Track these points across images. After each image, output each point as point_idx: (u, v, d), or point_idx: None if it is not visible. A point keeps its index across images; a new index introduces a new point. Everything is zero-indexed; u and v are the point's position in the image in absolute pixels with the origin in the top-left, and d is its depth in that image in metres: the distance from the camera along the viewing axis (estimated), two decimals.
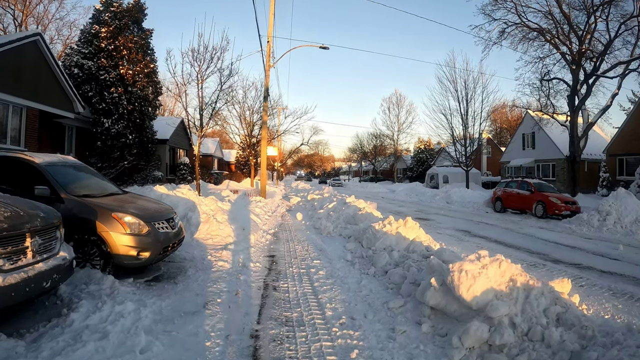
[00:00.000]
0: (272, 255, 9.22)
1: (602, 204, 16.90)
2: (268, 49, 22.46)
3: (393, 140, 72.84)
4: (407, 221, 9.86)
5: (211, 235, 9.54)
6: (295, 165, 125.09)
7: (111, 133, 20.91)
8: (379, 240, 9.38)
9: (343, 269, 8.03)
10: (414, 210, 22.57)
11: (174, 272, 7.25)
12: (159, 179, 26.13)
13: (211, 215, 10.11)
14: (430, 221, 17.15)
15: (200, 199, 11.39)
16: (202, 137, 16.09)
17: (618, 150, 31.99)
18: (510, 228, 16.03)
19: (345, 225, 12.68)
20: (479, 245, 11.77)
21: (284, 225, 14.56)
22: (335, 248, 10.24)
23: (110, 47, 21.84)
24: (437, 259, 6.23)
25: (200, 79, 15.77)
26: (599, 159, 35.12)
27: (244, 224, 10.97)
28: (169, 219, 7.08)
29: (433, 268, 6.05)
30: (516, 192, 21.83)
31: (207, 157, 50.83)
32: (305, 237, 12.05)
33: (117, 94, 21.36)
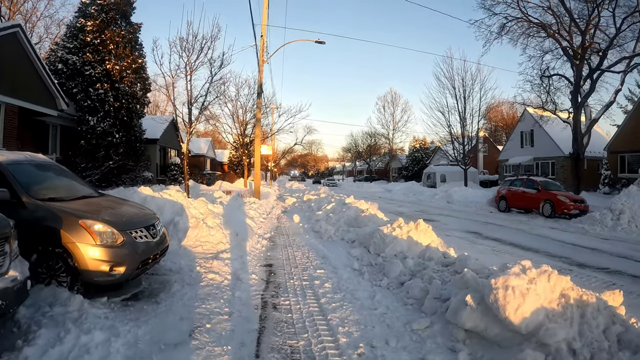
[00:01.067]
0: (269, 265, 8.18)
1: (614, 203, 16.21)
2: (262, 43, 21.47)
3: (388, 139, 72.13)
4: (419, 224, 8.89)
5: (201, 242, 8.50)
6: (289, 166, 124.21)
7: (97, 131, 19.80)
8: (389, 246, 8.39)
9: (351, 280, 7.02)
10: (415, 210, 21.63)
11: (157, 287, 6.20)
12: (148, 179, 25.09)
13: (201, 219, 9.06)
14: (435, 222, 16.17)
15: (190, 201, 10.30)
16: (191, 135, 14.86)
17: (620, 148, 31.49)
18: (521, 229, 15.14)
19: (347, 229, 11.68)
20: (494, 248, 10.91)
21: (281, 229, 13.51)
22: (339, 254, 9.23)
23: (96, 41, 20.76)
24: (471, 273, 5.28)
25: (189, 70, 14.61)
26: (599, 157, 34.65)
27: (238, 228, 9.93)
28: (149, 226, 6.04)
29: (467, 283, 5.09)
30: (522, 191, 20.92)
31: (199, 157, 49.85)
32: (305, 241, 11.03)
33: (103, 91, 20.26)
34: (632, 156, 30.70)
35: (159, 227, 6.37)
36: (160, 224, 6.63)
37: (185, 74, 14.50)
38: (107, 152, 19.20)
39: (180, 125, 17.47)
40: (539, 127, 37.19)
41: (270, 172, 59.99)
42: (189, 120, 14.50)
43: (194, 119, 14.76)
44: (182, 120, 15.03)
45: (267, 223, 14.08)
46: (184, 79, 14.58)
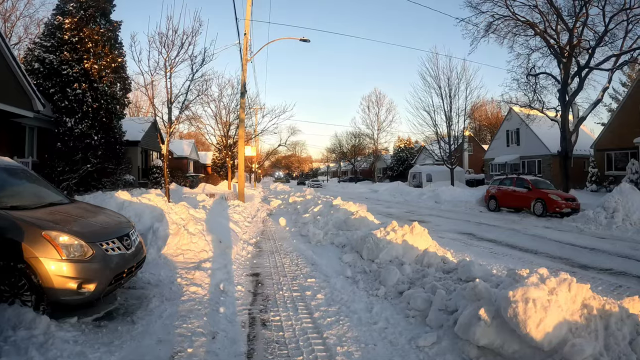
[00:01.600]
0: (256, 274, 7.60)
1: (607, 201, 15.97)
2: (245, 42, 20.89)
3: (373, 139, 71.80)
4: (414, 227, 8.40)
5: (182, 251, 7.89)
6: (273, 167, 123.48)
7: (74, 133, 18.99)
8: (383, 251, 7.90)
9: (345, 290, 6.49)
10: (404, 211, 21.17)
11: (133, 304, 5.61)
12: (130, 183, 24.38)
13: (182, 225, 8.45)
14: (426, 223, 15.70)
15: (170, 206, 9.67)
16: (171, 135, 14.09)
17: (606, 146, 31.56)
18: (515, 229, 14.74)
19: (336, 232, 11.15)
20: (491, 250, 10.47)
21: (267, 233, 12.92)
22: (329, 260, 8.69)
23: (74, 39, 19.94)
24: (484, 284, 4.78)
25: (169, 67, 13.91)
26: (585, 155, 34.65)
27: (221, 234, 9.32)
28: (123, 236, 5.44)
29: (479, 295, 4.60)
30: (512, 190, 20.57)
31: (182, 159, 49.04)
32: (292, 246, 10.46)
33: (80, 91, 19.46)
34: (618, 154, 30.75)
35: (134, 237, 5.78)
36: (136, 233, 6.04)
37: (164, 72, 13.79)
38: (85, 155, 18.41)
39: (160, 125, 16.59)
40: (525, 126, 37.20)
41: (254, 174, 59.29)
42: (168, 120, 13.77)
43: (174, 118, 14.06)
44: (161, 120, 14.24)
45: (252, 227, 13.49)
46: (164, 76, 13.91)
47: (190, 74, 14.76)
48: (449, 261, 7.47)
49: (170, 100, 13.89)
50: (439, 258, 7.42)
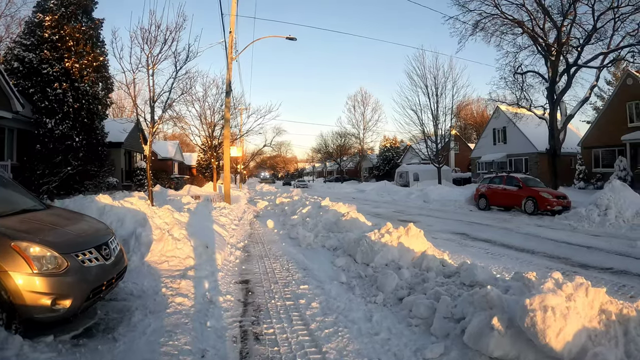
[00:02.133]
0: (245, 281, 7.18)
1: (599, 198, 15.89)
2: (230, 40, 20.44)
3: (359, 139, 71.55)
4: (410, 229, 8.08)
5: (167, 257, 7.46)
6: (258, 168, 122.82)
7: (55, 135, 18.42)
8: (378, 255, 7.55)
9: (341, 297, 6.12)
10: (393, 211, 20.85)
11: (115, 318, 5.17)
12: (113, 185, 23.86)
13: (166, 230, 8.01)
14: (417, 223, 15.15)
15: (154, 210, 9.21)
16: (154, 135, 13.49)
17: (593, 143, 31.75)
18: (508, 228, 14.53)
19: (327, 234, 10.76)
20: (487, 251, 10.20)
21: (255, 236, 12.50)
22: (322, 265, 8.31)
23: (54, 37, 19.39)
24: (496, 291, 4.47)
25: (152, 64, 13.37)
26: (572, 153, 34.75)
27: (208, 239, 8.87)
28: (101, 245, 4.99)
29: (491, 302, 4.29)
30: (502, 188, 20.37)
31: (167, 161, 48.39)
32: (282, 250, 10.06)
33: (61, 90, 18.90)
34: (605, 151, 30.89)
35: (113, 246, 5.33)
36: (116, 241, 5.60)
37: (147, 69, 13.25)
38: (66, 157, 17.83)
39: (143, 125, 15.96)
40: (512, 124, 37.32)
41: (239, 175, 58.71)
42: (151, 120, 13.22)
43: (157, 118, 13.52)
44: (144, 120, 13.65)
45: (239, 230, 13.07)
46: (146, 74, 13.35)
47: (173, 72, 14.18)
48: (449, 264, 7.14)
49: (153, 98, 13.34)
50: (438, 261, 7.09)
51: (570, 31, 26.22)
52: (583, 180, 30.84)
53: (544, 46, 27.12)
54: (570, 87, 26.68)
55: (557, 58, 26.54)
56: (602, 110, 32.52)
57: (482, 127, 65.01)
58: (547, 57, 27.45)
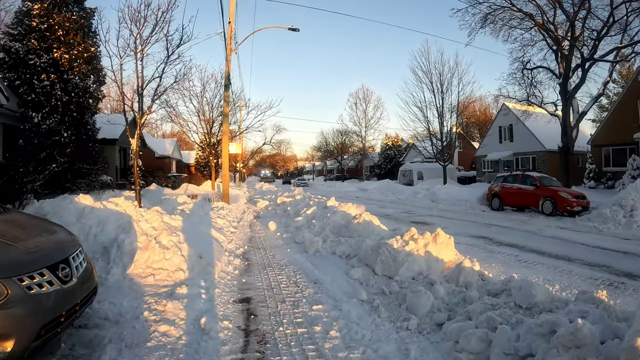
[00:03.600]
0: (246, 299, 5.98)
1: (624, 198, 14.91)
2: (230, 30, 19.28)
3: (360, 137, 70.42)
4: (438, 235, 6.94)
5: (153, 270, 6.28)
6: (257, 166, 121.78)
7: (41, 129, 17.19)
8: (403, 266, 6.41)
9: (365, 322, 4.97)
10: (401, 211, 19.64)
11: (81, 355, 4.01)
12: (107, 184, 22.69)
13: (153, 237, 6.82)
14: (429, 225, 14.28)
15: (141, 213, 8.01)
16: (142, 128, 12.10)
17: (603, 141, 30.76)
18: (530, 230, 13.41)
19: (336, 239, 9.58)
20: (518, 258, 9.07)
21: (255, 240, 11.29)
22: (335, 277, 7.12)
23: (42, 26, 18.10)
24: (589, 327, 3.31)
25: (141, 47, 12.07)
26: (580, 151, 33.74)
27: (202, 245, 7.64)
28: (58, 264, 3.81)
29: (582, 341, 3.18)
30: (517, 188, 19.21)
31: (164, 159, 47.28)
32: (287, 257, 8.87)
33: (49, 82, 17.63)
34: (615, 150, 29.94)
35: (77, 262, 4.14)
36: (82, 255, 4.41)
37: (134, 52, 11.93)
38: (51, 153, 16.59)
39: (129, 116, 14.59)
40: (518, 122, 36.37)
41: (239, 173, 57.57)
42: (139, 110, 11.88)
43: (146, 108, 12.15)
44: (131, 109, 12.25)
45: (238, 233, 11.84)
46: (134, 58, 12.02)
47: (165, 56, 12.80)
48: (489, 278, 6.02)
49: (142, 86, 12.02)
50: (477, 274, 5.96)
51: (584, 24, 25.06)
52: (593, 180, 29.84)
53: (556, 40, 25.98)
54: (584, 82, 25.50)
55: (570, 52, 25.40)
56: (612, 108, 31.63)
57: (485, 125, 64.18)
58: (558, 52, 26.36)
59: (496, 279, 5.99)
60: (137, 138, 11.31)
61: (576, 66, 25.89)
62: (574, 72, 26.09)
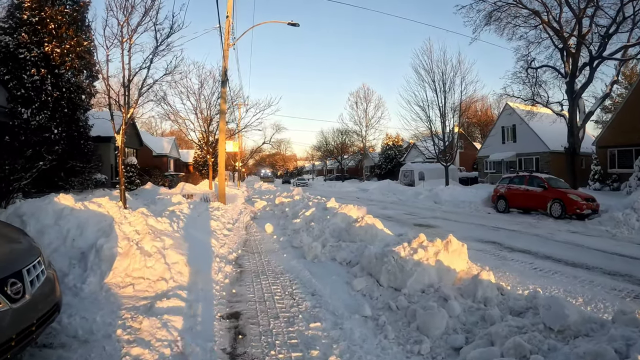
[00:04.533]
0: (235, 315, 5.30)
1: (637, 201, 14.35)
2: (227, 24, 18.65)
3: (361, 136, 69.73)
4: (450, 242, 6.30)
5: (132, 279, 5.63)
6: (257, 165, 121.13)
7: (31, 126, 16.56)
8: (412, 277, 5.76)
9: (369, 344, 4.33)
10: (403, 213, 18.95)
11: None
12: (102, 183, 22.09)
13: (135, 241, 6.17)
14: (434, 228, 13.64)
15: (125, 214, 7.33)
16: (127, 123, 11.19)
17: (609, 143, 30.01)
18: (540, 234, 12.73)
19: (337, 244, 8.91)
20: (534, 266, 8.43)
21: (250, 244, 10.61)
22: (335, 287, 6.46)
23: (34, 19, 17.54)
24: None
25: (128, 36, 11.31)
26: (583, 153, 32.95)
27: (191, 252, 6.91)
28: (6, 279, 3.18)
29: None
30: (524, 189, 18.53)
31: (162, 157, 46.63)
32: (283, 264, 8.18)
33: (39, 77, 17.04)
34: (621, 151, 29.20)
35: (33, 275, 3.48)
36: (41, 266, 3.75)
37: (121, 41, 11.18)
38: (38, 151, 15.89)
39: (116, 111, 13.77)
40: (521, 122, 35.78)
41: (238, 172, 56.90)
42: (125, 103, 11.10)
43: (133, 101, 11.35)
44: (115, 102, 11.47)
45: (232, 236, 11.12)
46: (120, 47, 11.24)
47: (154, 46, 11.97)
48: (510, 293, 5.38)
49: (129, 78, 11.27)
50: (495, 288, 5.32)
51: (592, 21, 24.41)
52: (599, 181, 29.16)
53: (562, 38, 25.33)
54: (591, 81, 24.86)
55: (577, 50, 24.75)
56: (618, 109, 30.98)
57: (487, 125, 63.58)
58: (563, 51, 25.73)
59: (518, 294, 5.36)
60: (122, 134, 10.48)
61: (583, 65, 25.25)
62: (581, 71, 25.46)
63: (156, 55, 11.69)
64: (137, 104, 11.31)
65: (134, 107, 11.04)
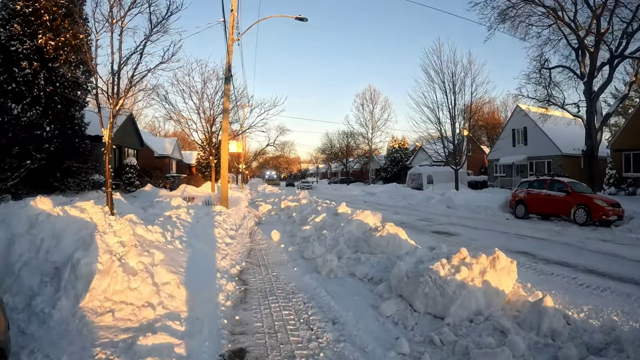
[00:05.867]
0: (238, 353, 4.18)
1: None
2: (232, 18, 17.61)
3: (367, 139, 68.63)
4: (498, 259, 5.23)
5: (113, 303, 4.56)
6: (261, 168, 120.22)
7: (21, 122, 15.54)
8: (456, 302, 4.71)
9: None
10: (417, 218, 17.76)
11: None
12: (99, 184, 21.05)
13: (118, 256, 5.10)
14: (454, 236, 12.54)
15: (110, 222, 6.23)
16: (116, 116, 9.83)
17: (624, 146, 29.00)
18: (570, 243, 11.64)
19: (354, 255, 7.84)
20: (578, 281, 7.38)
21: (256, 254, 9.53)
22: (359, 312, 5.37)
23: (27, 10, 16.61)
24: None
25: (120, 17, 10.12)
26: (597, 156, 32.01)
27: (186, 267, 5.77)
28: None
29: None
30: (545, 194, 17.41)
31: (164, 158, 45.59)
32: (294, 280, 7.08)
33: (31, 70, 16.05)
34: (637, 154, 28.25)
35: None
36: None
37: (111, 22, 10.00)
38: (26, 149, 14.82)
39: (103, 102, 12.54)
40: (533, 125, 34.89)
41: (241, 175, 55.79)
42: (112, 92, 9.77)
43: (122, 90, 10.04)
44: (104, 93, 10.23)
45: (235, 245, 9.97)
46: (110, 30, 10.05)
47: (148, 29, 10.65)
48: (578, 322, 4.34)
49: (119, 64, 10.06)
50: (561, 316, 4.27)
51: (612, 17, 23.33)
52: (614, 186, 28.01)
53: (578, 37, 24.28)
54: (611, 81, 23.88)
55: (596, 49, 23.69)
56: (633, 111, 29.87)
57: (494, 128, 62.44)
58: (579, 50, 24.74)
59: (589, 324, 4.31)
60: (109, 128, 9.07)
61: (601, 64, 24.20)
62: (599, 71, 24.41)
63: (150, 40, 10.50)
64: (126, 95, 10.09)
65: (123, 97, 9.82)
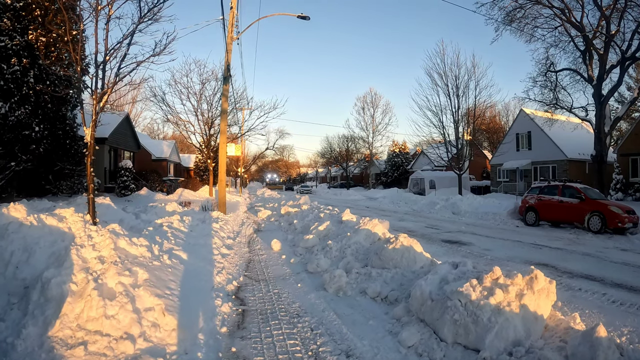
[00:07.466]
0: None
1: None
2: (231, 16, 16.94)
3: (367, 143, 67.90)
4: (536, 279, 4.51)
5: (87, 333, 3.82)
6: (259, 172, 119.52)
7: (9, 122, 14.80)
8: (492, 331, 3.99)
9: None
10: (424, 226, 16.95)
11: None
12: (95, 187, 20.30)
13: (95, 275, 4.37)
14: (467, 246, 11.77)
15: (90, 233, 5.44)
16: (99, 113, 8.92)
17: (631, 150, 28.40)
18: (592, 254, 10.84)
19: (364, 270, 7.08)
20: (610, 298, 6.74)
21: (255, 267, 8.75)
22: (376, 341, 4.65)
23: (18, 4, 15.89)
24: None
25: (107, 2, 9.24)
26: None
27: (174, 287, 5.06)
28: None
29: None
30: (558, 201, 16.65)
31: (162, 161, 44.92)
32: (299, 299, 6.31)
33: (20, 67, 15.33)
34: None
35: None
36: None
37: (96, 9, 9.19)
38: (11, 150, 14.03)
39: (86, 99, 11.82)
40: (537, 129, 34.26)
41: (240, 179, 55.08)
42: (96, 85, 8.92)
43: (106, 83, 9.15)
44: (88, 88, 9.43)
45: (233, 256, 9.22)
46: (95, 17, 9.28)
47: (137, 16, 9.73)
48: (628, 350, 3.62)
49: (104, 56, 9.24)
50: (615, 348, 3.56)
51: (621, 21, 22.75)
52: (621, 191, 27.31)
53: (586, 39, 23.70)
54: (621, 83, 23.31)
55: (605, 51, 23.11)
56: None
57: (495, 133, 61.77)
58: (586, 53, 24.20)
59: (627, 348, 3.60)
60: (92, 127, 8.10)
61: (611, 67, 23.60)
62: (608, 74, 23.81)
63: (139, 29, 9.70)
64: (112, 89, 9.31)
65: (108, 92, 9.02)
